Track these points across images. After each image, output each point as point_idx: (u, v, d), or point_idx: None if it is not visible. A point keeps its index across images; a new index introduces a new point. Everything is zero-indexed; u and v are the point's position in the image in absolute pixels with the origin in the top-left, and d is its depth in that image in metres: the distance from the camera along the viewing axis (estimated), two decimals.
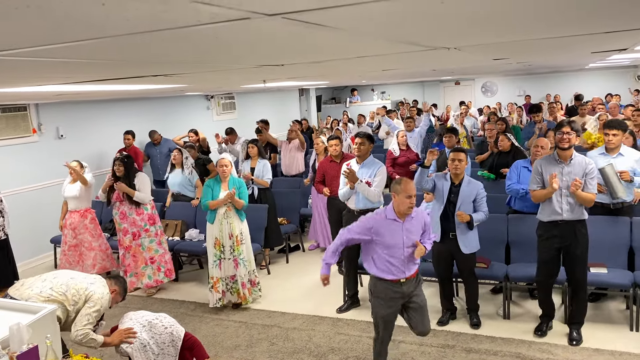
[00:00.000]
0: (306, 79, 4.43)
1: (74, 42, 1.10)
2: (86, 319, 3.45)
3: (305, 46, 1.54)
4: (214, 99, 11.79)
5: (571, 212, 4.27)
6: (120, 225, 6.08)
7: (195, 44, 1.40)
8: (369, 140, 5.22)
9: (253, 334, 5.00)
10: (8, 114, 7.35)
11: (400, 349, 4.53)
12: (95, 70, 1.77)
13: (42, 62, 1.45)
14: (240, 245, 5.49)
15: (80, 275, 3.69)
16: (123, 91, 4.34)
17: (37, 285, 3.51)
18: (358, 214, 5.13)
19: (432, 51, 2.04)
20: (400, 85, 18.92)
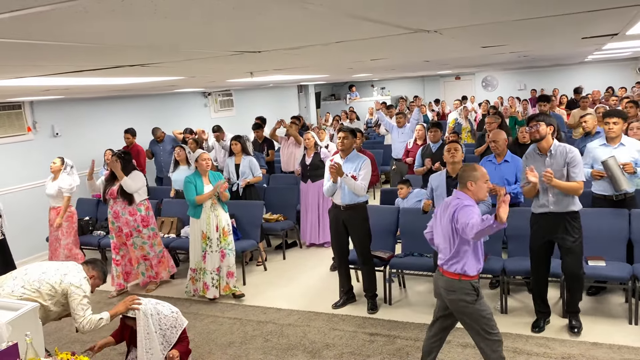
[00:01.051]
0: (295, 71, 4.36)
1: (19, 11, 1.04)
2: (81, 308, 3.41)
3: (274, 27, 1.49)
4: (211, 96, 11.74)
5: (558, 204, 4.23)
6: (113, 224, 6.02)
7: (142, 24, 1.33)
8: (352, 134, 5.17)
9: (247, 331, 4.95)
10: (2, 112, 7.32)
11: (396, 345, 4.48)
12: (66, 57, 1.72)
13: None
14: (227, 236, 5.63)
15: (53, 267, 3.57)
16: (108, 86, 4.28)
17: (8, 285, 3.41)
18: (344, 209, 5.08)
19: (412, 35, 1.97)
20: (401, 81, 18.83)
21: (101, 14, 1.17)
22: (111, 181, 6.01)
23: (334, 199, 5.19)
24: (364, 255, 5.17)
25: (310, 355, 4.40)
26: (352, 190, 4.97)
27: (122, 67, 2.31)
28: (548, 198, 4.26)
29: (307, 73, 5.19)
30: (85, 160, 8.43)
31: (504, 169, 5.25)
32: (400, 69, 6.65)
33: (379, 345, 4.49)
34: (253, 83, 8.48)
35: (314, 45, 2.00)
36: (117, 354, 4.54)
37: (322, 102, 17.88)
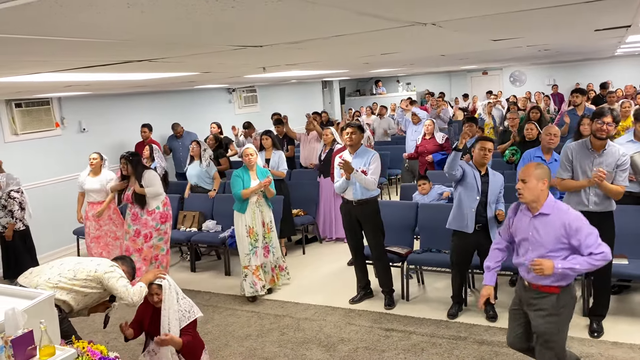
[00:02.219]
0: (308, 66, 4.36)
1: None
2: (123, 285, 3.53)
3: (269, 21, 1.50)
4: (235, 92, 11.84)
5: (599, 204, 4.10)
6: (130, 227, 5.89)
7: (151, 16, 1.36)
8: (359, 130, 5.16)
9: (264, 324, 5.00)
10: (32, 108, 7.52)
11: (411, 340, 4.47)
12: (65, 52, 1.77)
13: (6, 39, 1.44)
14: (270, 233, 5.64)
15: (86, 260, 3.74)
16: (125, 82, 4.36)
17: (45, 273, 3.58)
18: (357, 204, 5.08)
19: (409, 28, 1.95)
20: (426, 77, 18.65)
21: (75, 9, 1.19)
22: (124, 184, 5.98)
23: (345, 195, 5.18)
24: (378, 250, 5.16)
25: (325, 349, 4.43)
26: (363, 185, 4.96)
27: (131, 63, 2.36)
28: (589, 197, 4.12)
29: (322, 68, 5.19)
30: (110, 155, 8.62)
31: (552, 167, 5.09)
32: (420, 64, 6.58)
33: (394, 341, 4.48)
34: (275, 79, 8.52)
35: (313, 40, 2.01)
36: (136, 344, 4.64)
37: (347, 98, 17.85)
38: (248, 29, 1.61)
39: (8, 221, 6.10)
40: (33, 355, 2.47)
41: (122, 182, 6.01)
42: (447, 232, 5.13)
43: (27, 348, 2.44)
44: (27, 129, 7.49)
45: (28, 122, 7.51)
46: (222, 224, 6.81)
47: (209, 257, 7.38)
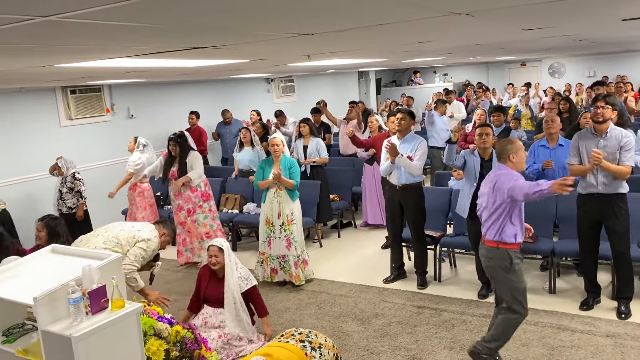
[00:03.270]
0: (351, 54, 4.57)
1: (126, 1, 1.35)
2: (133, 256, 3.90)
3: (323, 9, 1.73)
4: (274, 82, 12.15)
5: (607, 185, 4.28)
6: (174, 201, 6.41)
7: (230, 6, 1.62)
8: (409, 116, 5.35)
9: (302, 299, 5.30)
10: (85, 94, 7.99)
11: (442, 317, 4.69)
12: (147, 38, 2.05)
13: (98, 26, 1.71)
14: (290, 225, 5.51)
15: (128, 225, 4.13)
16: (180, 69, 4.68)
17: (92, 242, 3.98)
18: (400, 189, 5.30)
19: (445, 18, 2.15)
20: (464, 68, 18.58)
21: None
22: (170, 162, 6.45)
23: (390, 179, 5.40)
24: (417, 234, 5.38)
25: (360, 323, 4.69)
26: (407, 171, 5.16)
27: (196, 49, 2.65)
28: (597, 179, 4.31)
29: (363, 57, 5.40)
30: (157, 140, 9.04)
31: (558, 153, 5.29)
32: (457, 53, 6.71)
33: (426, 317, 4.71)
34: (314, 68, 8.77)
35: (358, 28, 2.23)
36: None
37: (383, 89, 17.96)
38: (304, 17, 1.85)
39: (74, 202, 6.54)
40: (105, 307, 2.81)
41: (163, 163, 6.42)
42: None
43: (101, 300, 2.78)
44: (80, 114, 7.97)
45: (81, 108, 7.98)
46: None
47: (248, 237, 7.72)
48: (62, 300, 2.72)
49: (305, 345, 3.37)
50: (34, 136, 7.43)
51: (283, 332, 3.61)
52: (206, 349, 3.55)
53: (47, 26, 1.63)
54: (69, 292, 2.66)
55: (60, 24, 1.62)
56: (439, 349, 4.17)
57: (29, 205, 7.27)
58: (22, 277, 3.07)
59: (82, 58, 2.81)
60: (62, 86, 7.68)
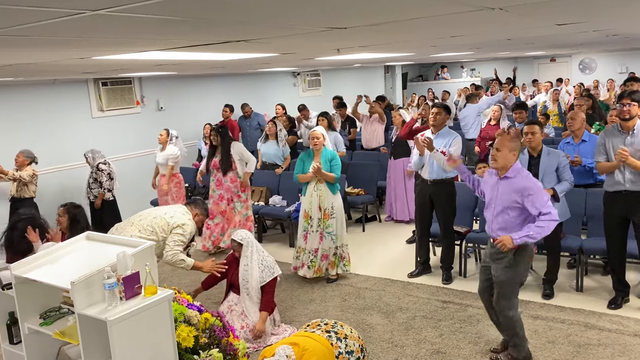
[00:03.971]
0: (380, 48, 4.57)
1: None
2: (172, 242, 4.01)
3: (356, 3, 1.76)
4: (300, 75, 12.19)
5: (634, 182, 4.23)
6: (215, 192, 6.62)
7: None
8: (445, 111, 5.32)
9: (327, 291, 5.35)
10: (116, 86, 8.15)
11: (467, 312, 4.69)
12: (181, 31, 2.10)
13: (136, 19, 1.77)
14: (329, 219, 5.40)
15: (161, 212, 4.22)
16: (211, 62, 4.75)
17: (127, 230, 4.09)
18: (431, 183, 5.29)
19: (479, 12, 2.16)
20: (492, 63, 18.34)
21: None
22: (212, 153, 6.63)
23: (422, 173, 5.40)
24: (446, 229, 5.37)
25: (384, 316, 4.72)
26: (441, 166, 5.15)
27: (230, 43, 2.70)
28: (624, 176, 4.26)
29: (392, 51, 5.40)
30: (185, 132, 9.18)
31: (582, 148, 5.21)
32: (487, 48, 6.65)
33: (451, 312, 4.72)
34: (340, 62, 8.79)
35: (391, 22, 2.25)
36: (211, 303, 5.09)
37: (409, 83, 17.86)
38: (339, 10, 1.88)
39: (99, 191, 6.72)
40: (139, 293, 2.89)
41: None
42: None
43: (135, 286, 2.87)
44: (111, 105, 8.14)
45: (112, 100, 8.15)
46: (288, 199, 7.21)
47: (274, 230, 7.81)
48: (97, 286, 2.81)
49: (331, 335, 3.42)
50: (67, 127, 7.62)
51: (309, 322, 3.66)
52: (234, 337, 3.63)
53: (94, 20, 1.69)
54: (105, 278, 2.75)
55: (107, 18, 1.68)
56: (463, 344, 4.18)
57: (61, 194, 7.47)
58: (59, 263, 3.18)
59: (120, 51, 2.89)
60: (95, 78, 7.85)
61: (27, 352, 3.17)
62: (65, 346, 3.28)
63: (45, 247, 3.64)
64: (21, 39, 2.14)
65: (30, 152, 6.44)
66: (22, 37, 2.05)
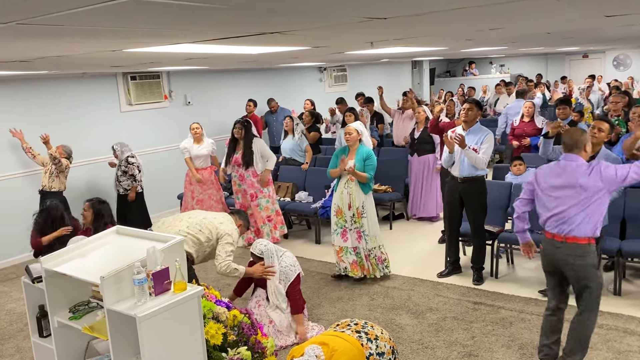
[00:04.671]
0: (414, 41, 4.45)
1: None
2: (224, 252, 4.00)
3: None
4: (326, 70, 12.10)
5: None
6: (240, 186, 6.62)
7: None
8: (477, 107, 5.18)
9: (354, 289, 5.26)
10: (144, 81, 8.18)
11: (500, 314, 4.55)
12: (216, 22, 2.03)
13: (171, 6, 1.70)
14: (360, 218, 5.25)
15: (211, 215, 4.25)
16: (241, 56, 4.69)
17: (175, 225, 4.09)
18: (462, 181, 5.15)
19: (527, 2, 2.03)
20: (521, 59, 18.00)
21: None
22: (233, 148, 6.59)
23: (452, 170, 5.27)
24: (477, 228, 5.23)
25: (413, 316, 4.62)
26: (472, 163, 5.02)
27: (264, 35, 2.63)
28: None
29: (425, 45, 5.26)
30: (211, 127, 9.17)
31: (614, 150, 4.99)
32: (521, 43, 6.45)
33: (483, 314, 4.59)
34: (368, 57, 8.67)
35: (433, 12, 2.14)
36: (239, 300, 5.05)
37: (437, 79, 17.62)
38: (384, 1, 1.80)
39: (129, 184, 6.76)
40: (168, 289, 2.85)
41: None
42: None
43: (164, 282, 2.83)
44: (139, 100, 8.16)
45: (141, 94, 8.18)
46: (314, 195, 7.15)
47: (299, 226, 7.75)
48: (127, 281, 2.78)
49: (361, 336, 3.34)
50: (95, 121, 7.66)
51: (339, 322, 3.58)
52: (262, 335, 3.57)
53: (128, 8, 1.64)
54: (134, 273, 2.72)
55: (142, 5, 1.62)
56: (496, 347, 4.05)
57: (90, 187, 7.53)
58: (89, 257, 3.16)
59: (152, 43, 2.84)
60: (123, 72, 7.88)
61: (56, 346, 3.16)
62: (94, 340, 3.27)
63: (75, 240, 3.63)
64: (53, 29, 2.10)
65: (69, 148, 6.56)
66: (53, 26, 2.01)
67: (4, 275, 6.32)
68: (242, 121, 6.59)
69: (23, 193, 6.84)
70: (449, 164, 5.25)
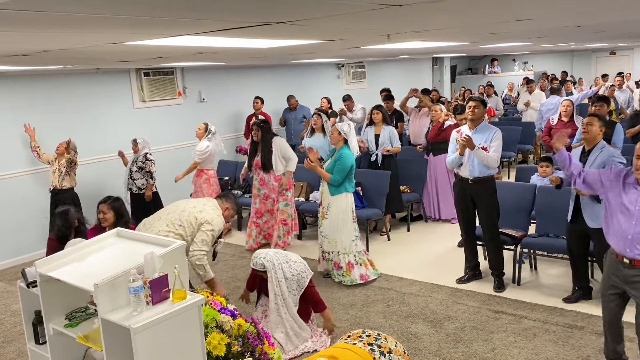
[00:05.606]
0: (433, 35, 4.21)
1: None
2: (201, 241, 3.79)
3: None
4: (344, 67, 11.86)
5: None
6: (259, 190, 6.43)
7: None
8: (483, 105, 4.95)
9: (369, 295, 5.05)
10: (158, 77, 8.05)
11: (523, 324, 4.30)
12: (215, 10, 1.85)
13: None
14: (323, 219, 5.30)
15: (190, 205, 4.02)
16: (252, 50, 4.50)
17: (155, 225, 3.90)
18: (472, 182, 4.90)
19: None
20: (546, 56, 17.53)
21: None
22: (254, 151, 6.42)
23: (460, 172, 5.03)
24: (491, 231, 4.99)
25: (430, 325, 4.39)
26: (483, 163, 4.79)
27: (269, 25, 2.43)
28: None
29: (445, 39, 5.00)
30: (227, 125, 9.02)
31: None
32: (549, 38, 6.13)
33: (504, 323, 4.34)
34: (387, 53, 8.42)
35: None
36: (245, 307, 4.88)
37: (458, 77, 17.26)
38: None
39: (144, 182, 6.62)
40: (167, 297, 2.68)
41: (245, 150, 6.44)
42: (566, 217, 4.86)
43: (162, 290, 2.65)
44: (153, 96, 8.03)
45: (154, 90, 8.05)
46: None
47: (314, 226, 7.54)
48: (123, 288, 2.61)
49: (373, 349, 3.12)
50: (108, 117, 7.56)
51: (350, 333, 3.37)
52: (269, 345, 3.39)
53: None
54: (130, 281, 2.54)
55: None
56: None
57: (101, 185, 7.43)
58: (87, 261, 3.00)
59: (151, 35, 2.67)
60: (137, 68, 7.77)
61: (51, 354, 3.01)
62: (92, 349, 3.12)
63: (73, 243, 3.49)
64: (33, 16, 1.93)
65: (73, 144, 6.41)
66: (34, 12, 1.84)
67: (13, 274, 6.24)
68: (258, 123, 6.42)
69: (33, 191, 6.76)
70: (455, 165, 5.01)
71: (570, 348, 3.92)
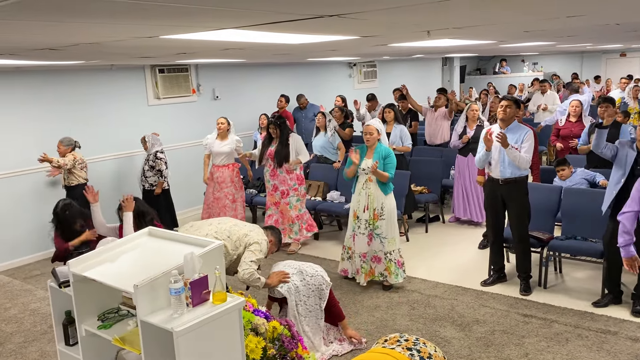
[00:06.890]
0: (471, 33, 4.10)
1: None
2: (250, 260, 3.70)
3: None
4: (356, 66, 11.79)
5: None
6: (269, 182, 6.39)
7: None
8: (515, 104, 4.85)
9: (393, 297, 4.96)
10: (172, 74, 7.96)
11: (553, 329, 4.21)
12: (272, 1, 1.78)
13: None
14: (378, 220, 5.02)
15: (241, 223, 3.96)
16: (279, 46, 4.38)
17: (204, 229, 3.82)
18: (503, 183, 4.82)
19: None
20: (555, 56, 17.43)
21: None
22: (267, 144, 6.34)
23: (491, 172, 4.95)
24: (521, 233, 4.90)
25: (459, 328, 4.30)
26: (515, 163, 4.70)
27: (322, 18, 2.33)
28: None
29: (478, 37, 4.91)
30: (240, 122, 8.92)
31: None
32: (578, 36, 5.98)
33: (535, 327, 4.25)
34: (403, 51, 8.34)
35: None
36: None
37: (467, 77, 17.17)
38: None
39: (155, 180, 6.56)
40: (207, 299, 2.59)
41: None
42: (593, 219, 4.79)
43: (203, 291, 2.56)
44: (167, 93, 7.95)
45: (169, 87, 7.96)
46: (346, 195, 6.83)
47: (330, 226, 7.47)
48: (162, 289, 2.52)
49: (413, 354, 3.03)
50: (122, 114, 7.47)
51: (387, 337, 3.28)
52: (303, 349, 3.30)
53: None
54: (171, 282, 2.46)
55: None
56: None
57: (115, 181, 7.35)
58: (120, 261, 2.91)
59: (193, 27, 2.57)
60: (152, 65, 7.68)
61: (83, 355, 2.92)
62: (124, 350, 3.03)
63: (105, 242, 3.40)
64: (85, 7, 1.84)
65: (69, 139, 6.19)
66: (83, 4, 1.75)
67: (28, 271, 6.16)
68: (275, 121, 6.36)
69: (47, 187, 6.67)
70: (484, 163, 4.94)
71: (605, 354, 3.83)
